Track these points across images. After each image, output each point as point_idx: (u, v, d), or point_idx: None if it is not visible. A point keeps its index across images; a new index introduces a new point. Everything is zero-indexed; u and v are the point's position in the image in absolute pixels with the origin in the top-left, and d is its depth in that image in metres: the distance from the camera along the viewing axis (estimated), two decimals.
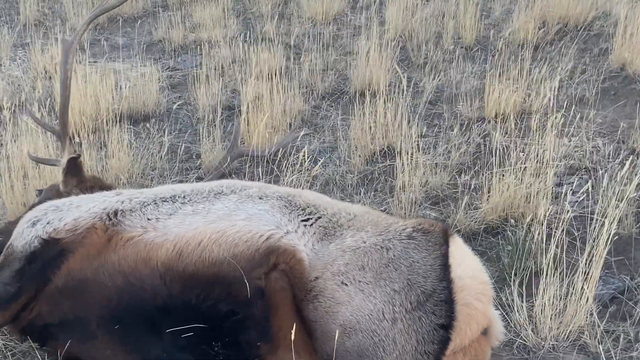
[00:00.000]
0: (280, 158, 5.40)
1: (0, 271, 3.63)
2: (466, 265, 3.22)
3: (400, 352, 2.95)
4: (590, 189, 4.10)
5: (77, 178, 4.60)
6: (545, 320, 3.59)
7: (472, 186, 4.90)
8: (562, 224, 3.78)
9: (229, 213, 3.47)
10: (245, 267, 3.23)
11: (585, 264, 3.57)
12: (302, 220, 3.42)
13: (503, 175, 4.57)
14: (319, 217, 3.45)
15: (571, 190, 4.17)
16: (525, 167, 4.54)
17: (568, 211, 3.83)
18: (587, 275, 3.56)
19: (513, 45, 7.37)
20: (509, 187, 4.50)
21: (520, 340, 3.62)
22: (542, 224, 3.92)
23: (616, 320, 3.72)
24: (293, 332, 2.98)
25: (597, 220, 3.93)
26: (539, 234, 4.01)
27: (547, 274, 3.62)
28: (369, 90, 6.72)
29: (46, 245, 3.59)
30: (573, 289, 3.58)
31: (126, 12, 10.14)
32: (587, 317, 3.58)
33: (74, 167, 4.57)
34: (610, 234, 3.52)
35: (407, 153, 4.98)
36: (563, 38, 7.36)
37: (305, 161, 4.84)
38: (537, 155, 4.63)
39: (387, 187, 5.20)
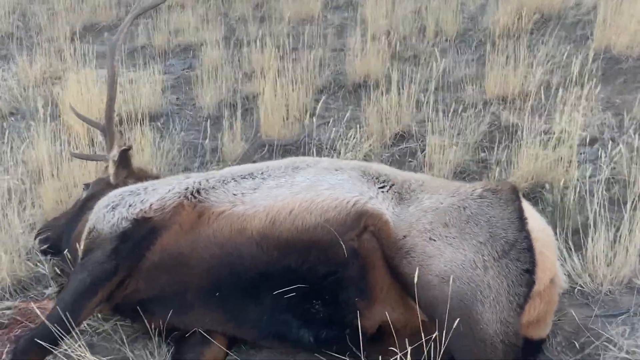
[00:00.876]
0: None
1: (91, 253, 3.81)
2: (534, 219, 3.54)
3: (495, 295, 3.22)
4: (623, 151, 4.49)
5: (127, 170, 4.77)
6: (599, 268, 3.95)
7: (499, 160, 5.24)
8: (599, 184, 4.16)
9: (311, 184, 3.72)
10: (339, 230, 3.49)
11: (630, 216, 3.94)
12: (379, 188, 3.70)
13: (528, 147, 4.94)
14: (393, 185, 3.74)
15: (605, 153, 4.52)
16: (550, 137, 4.93)
17: (604, 171, 4.21)
18: (632, 225, 3.93)
19: (494, 35, 7.78)
20: (536, 156, 4.87)
21: (579, 287, 3.97)
22: (576, 187, 4.33)
23: None
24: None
25: (628, 181, 4.34)
26: (574, 195, 4.39)
27: (595, 227, 3.98)
28: (367, 82, 7.06)
29: (137, 224, 3.80)
30: (620, 238, 3.94)
31: (102, 20, 10.25)
32: (636, 263, 3.96)
33: (125, 159, 4.75)
34: None
35: (430, 134, 5.31)
36: (541, 27, 7.81)
37: (357, 140, 5.13)
38: (552, 128, 5.04)
39: (413, 166, 5.52)
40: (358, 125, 6.01)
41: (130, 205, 3.95)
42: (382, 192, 3.68)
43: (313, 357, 3.68)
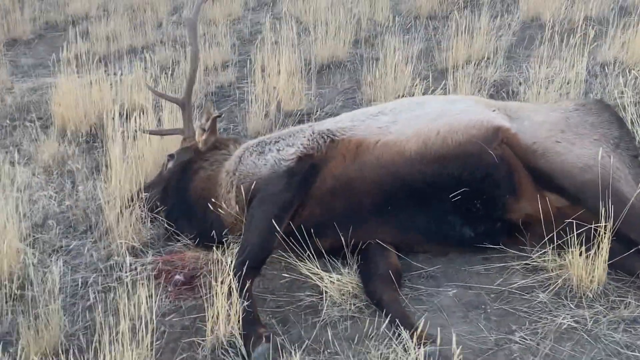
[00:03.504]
0: None
1: (262, 192, 4.34)
2: None
3: (624, 174, 4.11)
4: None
5: (214, 136, 5.24)
6: None
7: None
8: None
9: (443, 112, 4.48)
10: (485, 143, 4.26)
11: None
12: (492, 111, 4.51)
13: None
14: (499, 109, 4.57)
15: None
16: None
17: None
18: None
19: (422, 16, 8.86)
20: None
21: None
22: None
23: None
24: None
25: None
26: None
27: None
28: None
29: (299, 161, 4.39)
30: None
31: (20, 35, 10.26)
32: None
33: (215, 127, 5.21)
34: None
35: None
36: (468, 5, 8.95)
37: None
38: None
39: None
40: None
41: (278, 150, 4.52)
42: (497, 114, 4.48)
43: (462, 253, 4.42)
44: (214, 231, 4.59)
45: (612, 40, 6.82)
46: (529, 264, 4.18)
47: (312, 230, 4.30)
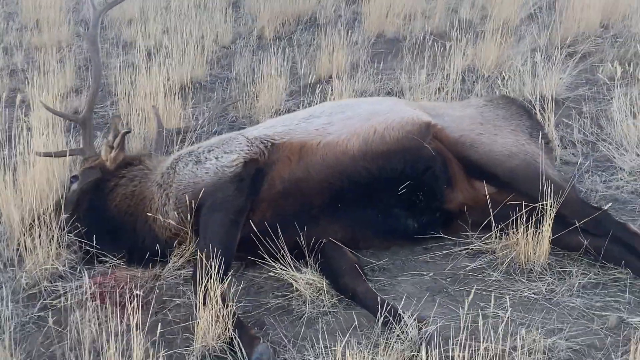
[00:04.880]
0: None
1: (215, 196, 4.26)
2: None
3: (545, 159, 4.48)
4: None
5: (123, 153, 5.04)
6: None
7: None
8: None
9: (374, 112, 4.66)
10: (420, 137, 4.49)
11: None
12: (415, 109, 4.76)
13: None
14: (418, 107, 4.83)
15: None
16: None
17: None
18: None
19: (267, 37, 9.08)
20: None
21: None
22: None
23: None
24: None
25: None
26: None
27: None
28: None
29: (245, 166, 4.36)
30: None
31: None
32: None
33: (124, 143, 5.02)
34: None
35: None
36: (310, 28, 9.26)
37: None
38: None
39: None
40: None
41: (217, 158, 4.46)
42: (421, 111, 4.74)
43: (403, 246, 4.61)
44: (157, 245, 4.40)
45: (465, 50, 7.36)
46: (472, 249, 4.44)
47: (266, 233, 4.25)
